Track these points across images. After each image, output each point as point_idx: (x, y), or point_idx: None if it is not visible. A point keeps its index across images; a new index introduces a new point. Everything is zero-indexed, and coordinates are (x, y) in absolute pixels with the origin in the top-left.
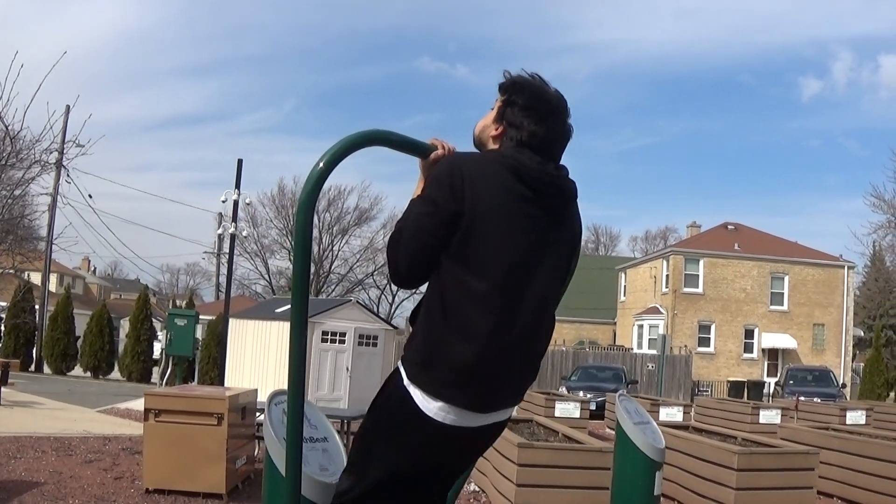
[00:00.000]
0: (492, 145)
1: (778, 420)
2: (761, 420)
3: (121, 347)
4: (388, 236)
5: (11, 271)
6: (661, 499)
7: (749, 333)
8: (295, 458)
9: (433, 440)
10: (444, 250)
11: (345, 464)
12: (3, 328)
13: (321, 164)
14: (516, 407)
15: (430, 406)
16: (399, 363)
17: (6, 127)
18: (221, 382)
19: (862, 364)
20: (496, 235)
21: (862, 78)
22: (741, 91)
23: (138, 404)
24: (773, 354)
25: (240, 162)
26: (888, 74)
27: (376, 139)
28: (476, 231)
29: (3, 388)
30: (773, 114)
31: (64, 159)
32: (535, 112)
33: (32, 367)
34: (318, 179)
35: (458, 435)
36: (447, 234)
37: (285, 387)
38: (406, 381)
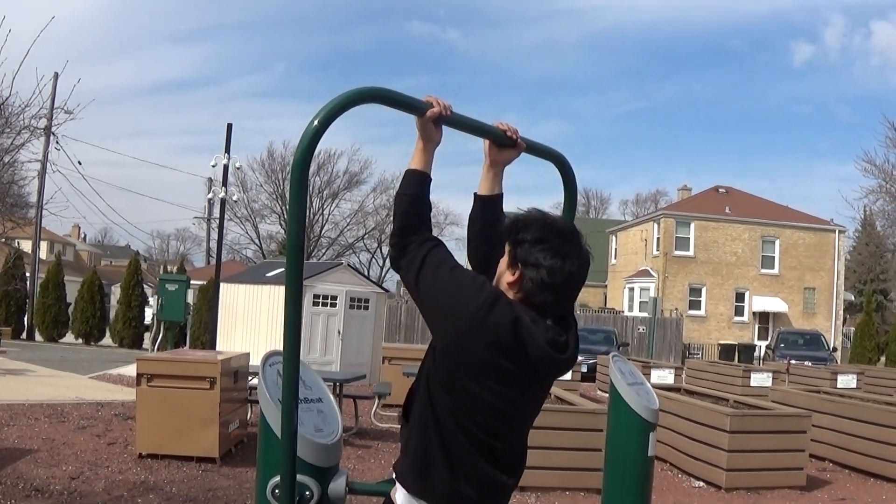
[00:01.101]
0: (509, 291)
1: (769, 383)
2: (752, 383)
3: (112, 314)
4: (378, 200)
5: (2, 240)
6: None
7: (740, 297)
8: (291, 419)
9: None
10: (435, 371)
11: (339, 424)
12: None
13: (316, 123)
14: None
15: None
16: (396, 483)
17: None
18: (213, 347)
19: (852, 328)
20: (484, 390)
21: (854, 44)
22: (732, 56)
23: (130, 370)
24: (763, 318)
25: (229, 126)
26: (880, 41)
27: (371, 96)
28: (463, 367)
29: None
30: (765, 79)
31: (53, 126)
32: (548, 244)
33: (24, 335)
34: (312, 138)
35: None
36: (438, 338)
37: (274, 349)
38: (402, 491)
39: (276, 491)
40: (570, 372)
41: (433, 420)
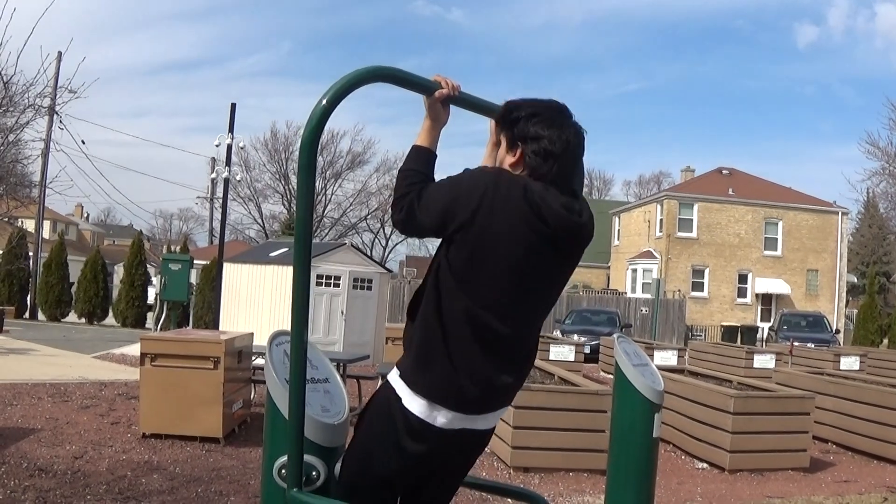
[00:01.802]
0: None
1: (772, 365)
2: (755, 365)
3: (115, 293)
4: (381, 180)
5: (6, 219)
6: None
7: (743, 278)
8: (298, 400)
9: (423, 447)
10: (446, 246)
11: (346, 405)
12: None
13: (324, 102)
14: None
15: (419, 409)
16: (394, 370)
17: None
18: (216, 326)
19: (855, 310)
20: (502, 263)
21: (858, 26)
22: (736, 37)
23: (133, 350)
24: (766, 299)
25: (233, 106)
26: (884, 23)
27: (380, 75)
28: (483, 249)
29: None
30: (768, 60)
31: (57, 105)
32: (542, 117)
33: (27, 315)
34: (320, 117)
35: (453, 439)
36: (452, 236)
37: (280, 329)
38: (398, 382)
39: (283, 471)
40: (574, 352)
41: (438, 314)
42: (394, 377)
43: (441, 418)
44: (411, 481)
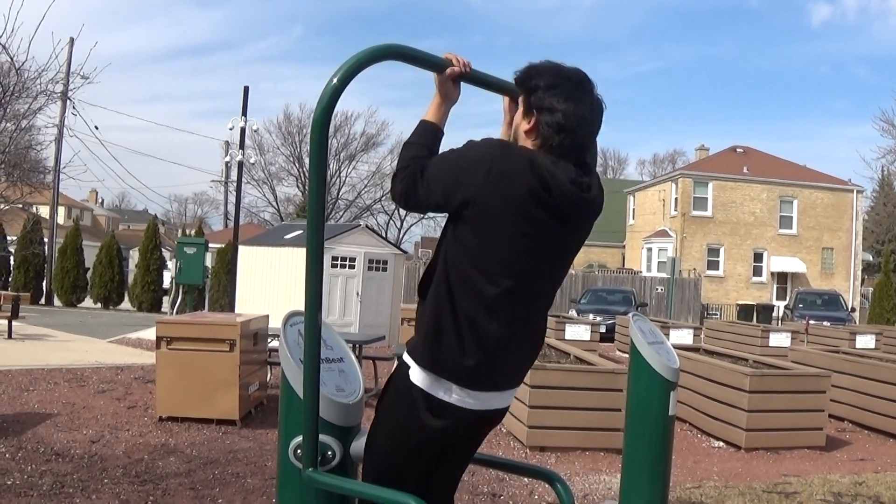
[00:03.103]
0: (526, 141)
1: (788, 343)
2: (771, 343)
3: (130, 278)
4: (395, 162)
5: (20, 206)
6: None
7: (758, 257)
8: (313, 380)
9: (434, 424)
10: (452, 222)
11: (361, 384)
12: (12, 262)
13: (335, 80)
14: None
15: (431, 386)
16: (406, 354)
17: (11, 58)
18: (232, 309)
19: (870, 289)
20: (508, 237)
21: (872, 4)
22: (751, 15)
23: (149, 334)
24: (782, 278)
25: (246, 89)
26: None
27: (391, 53)
28: (489, 224)
29: (14, 322)
30: (783, 39)
31: (69, 91)
32: (560, 89)
33: (43, 300)
34: (332, 96)
35: (463, 413)
36: (457, 211)
37: (295, 309)
38: (410, 361)
39: (298, 451)
40: (589, 332)
41: (447, 293)
42: (405, 355)
43: (448, 393)
44: (430, 456)
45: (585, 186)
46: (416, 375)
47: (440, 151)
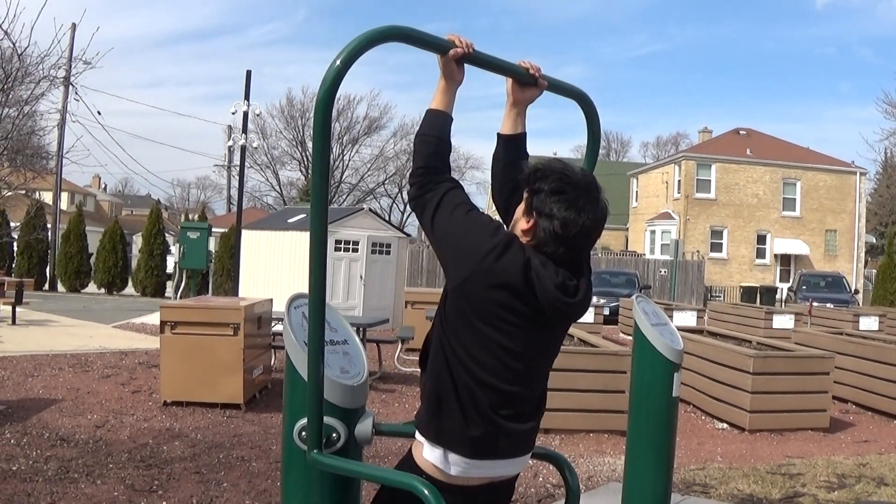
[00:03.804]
0: (523, 238)
1: (791, 325)
2: (775, 325)
3: (134, 263)
4: (398, 145)
5: (23, 192)
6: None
7: (761, 239)
8: (317, 361)
9: (454, 496)
10: (449, 315)
11: (365, 366)
12: (15, 247)
13: (338, 62)
14: None
15: (441, 460)
16: (417, 433)
17: (13, 44)
18: (236, 293)
19: (874, 270)
20: (494, 328)
21: None
22: None
23: (153, 319)
24: (785, 260)
25: (248, 73)
26: None
27: (393, 35)
28: (476, 312)
29: (18, 308)
30: (787, 21)
31: (71, 77)
32: (564, 196)
33: (46, 286)
34: (335, 78)
35: (473, 488)
36: (456, 273)
37: (299, 291)
38: (421, 437)
39: (303, 433)
40: (593, 314)
41: (446, 366)
42: (417, 433)
43: (456, 466)
44: None
45: (571, 290)
46: (427, 449)
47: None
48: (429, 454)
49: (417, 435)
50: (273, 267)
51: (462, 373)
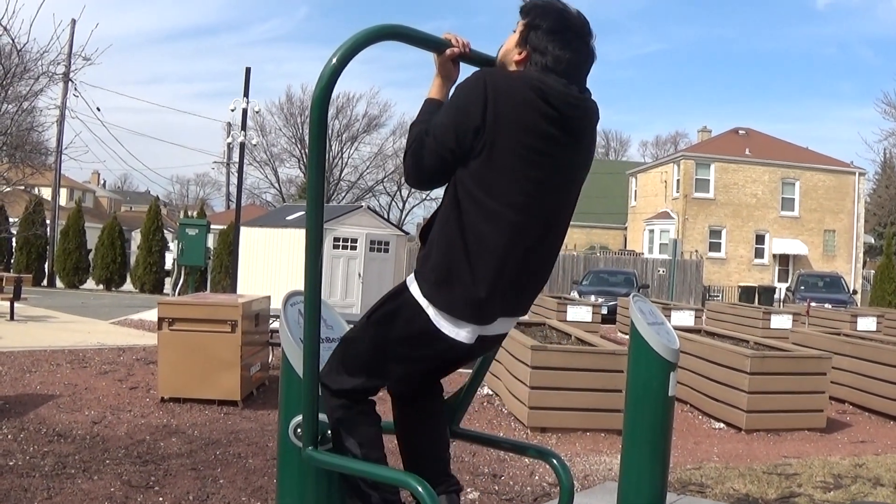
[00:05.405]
0: (514, 68)
1: (789, 325)
2: (773, 325)
3: (132, 259)
4: (397, 143)
5: (22, 187)
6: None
7: (760, 239)
8: (313, 359)
9: (443, 354)
10: (463, 163)
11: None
12: (14, 243)
13: (334, 60)
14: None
15: (442, 324)
16: (412, 277)
17: (13, 40)
18: (234, 290)
19: (872, 271)
20: (516, 154)
21: None
22: None
23: (151, 315)
24: (783, 260)
25: (248, 70)
26: None
27: (390, 33)
28: (497, 147)
29: (16, 303)
30: (787, 20)
31: (70, 73)
32: (559, 36)
33: (45, 282)
34: (331, 76)
35: (466, 347)
36: (471, 146)
37: (295, 289)
38: (420, 296)
39: (298, 430)
40: (591, 314)
41: (458, 227)
42: (416, 292)
43: (464, 332)
44: (421, 376)
45: (576, 91)
46: (434, 316)
47: None
48: (435, 320)
49: (420, 297)
50: (271, 264)
51: (474, 230)
